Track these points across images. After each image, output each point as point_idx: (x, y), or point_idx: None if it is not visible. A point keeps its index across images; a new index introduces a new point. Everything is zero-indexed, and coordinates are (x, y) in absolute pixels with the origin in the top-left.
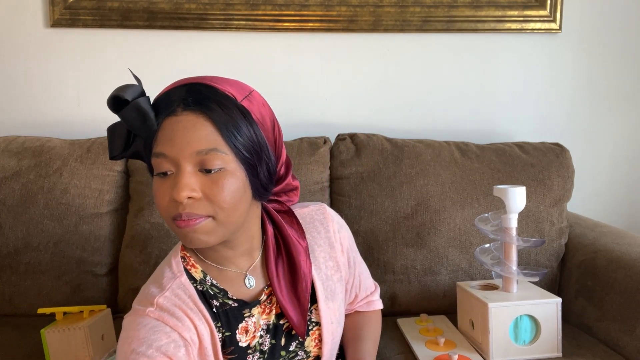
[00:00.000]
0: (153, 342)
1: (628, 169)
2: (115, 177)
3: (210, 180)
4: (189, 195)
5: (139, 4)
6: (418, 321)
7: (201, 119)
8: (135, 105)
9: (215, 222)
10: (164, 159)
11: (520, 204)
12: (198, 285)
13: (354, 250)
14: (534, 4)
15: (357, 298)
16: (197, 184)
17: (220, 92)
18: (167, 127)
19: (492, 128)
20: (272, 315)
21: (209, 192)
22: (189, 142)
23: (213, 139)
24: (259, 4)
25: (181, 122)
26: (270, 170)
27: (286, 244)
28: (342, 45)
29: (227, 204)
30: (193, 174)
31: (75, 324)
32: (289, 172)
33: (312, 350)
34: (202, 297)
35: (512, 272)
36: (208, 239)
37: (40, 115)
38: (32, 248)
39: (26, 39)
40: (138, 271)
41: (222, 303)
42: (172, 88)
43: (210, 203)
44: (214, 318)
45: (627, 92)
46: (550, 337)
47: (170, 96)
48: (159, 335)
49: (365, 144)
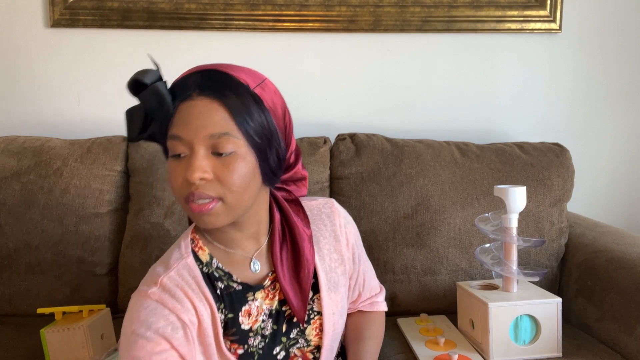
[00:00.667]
0: (152, 324)
1: (628, 169)
2: (115, 177)
3: (221, 163)
4: (201, 176)
5: (139, 4)
6: (418, 321)
7: (215, 104)
8: (153, 88)
9: (225, 204)
10: (178, 142)
11: (520, 204)
12: (204, 267)
13: (360, 247)
14: (534, 4)
15: (360, 297)
16: (209, 166)
17: (235, 79)
18: (183, 111)
19: (492, 128)
20: (275, 301)
21: (220, 174)
22: (203, 126)
23: (226, 124)
24: (259, 4)
25: (196, 106)
26: (280, 156)
27: (291, 231)
28: (342, 45)
29: (237, 186)
30: (206, 156)
31: (74, 324)
32: (298, 160)
33: (313, 339)
34: (206, 279)
35: (512, 272)
36: (217, 220)
37: (40, 115)
38: (32, 248)
39: (26, 39)
40: (138, 271)
41: (227, 286)
42: (189, 74)
43: (221, 185)
44: (217, 300)
45: (627, 92)
46: (550, 337)
47: (187, 81)
48: (157, 318)
49: (365, 144)
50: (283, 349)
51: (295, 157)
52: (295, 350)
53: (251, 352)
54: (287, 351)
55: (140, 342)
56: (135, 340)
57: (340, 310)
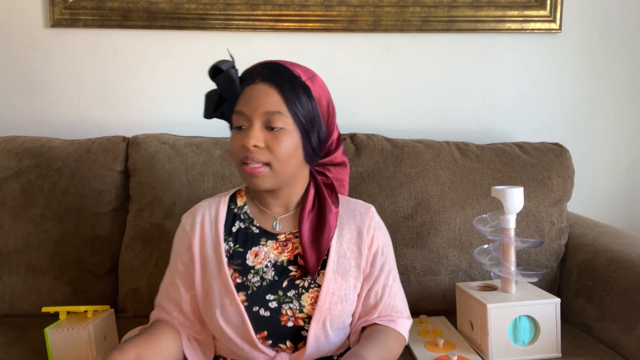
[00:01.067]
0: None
1: (628, 169)
2: (115, 177)
3: (272, 135)
4: (255, 143)
5: (139, 4)
6: (417, 322)
7: (272, 88)
8: (227, 74)
9: (272, 170)
10: (241, 116)
11: (518, 204)
12: (236, 208)
13: (389, 260)
14: (534, 4)
15: (377, 308)
16: (262, 137)
17: (290, 71)
18: (248, 93)
19: (492, 128)
20: (283, 256)
21: (270, 144)
22: (261, 105)
23: (278, 104)
24: (259, 4)
25: (258, 89)
26: (321, 138)
27: (321, 203)
28: (342, 45)
29: (282, 155)
30: (260, 129)
31: (79, 324)
32: (338, 147)
33: (306, 307)
34: (230, 216)
35: (510, 272)
36: (263, 182)
37: (40, 115)
38: (32, 248)
39: (26, 39)
40: (138, 271)
41: (246, 227)
42: (255, 66)
43: (270, 153)
44: (227, 233)
45: (627, 92)
46: (549, 337)
47: (252, 71)
48: (179, 239)
49: (365, 144)
50: (276, 301)
51: (337, 144)
52: (287, 309)
53: (247, 285)
54: (280, 305)
55: (172, 255)
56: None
57: (342, 296)
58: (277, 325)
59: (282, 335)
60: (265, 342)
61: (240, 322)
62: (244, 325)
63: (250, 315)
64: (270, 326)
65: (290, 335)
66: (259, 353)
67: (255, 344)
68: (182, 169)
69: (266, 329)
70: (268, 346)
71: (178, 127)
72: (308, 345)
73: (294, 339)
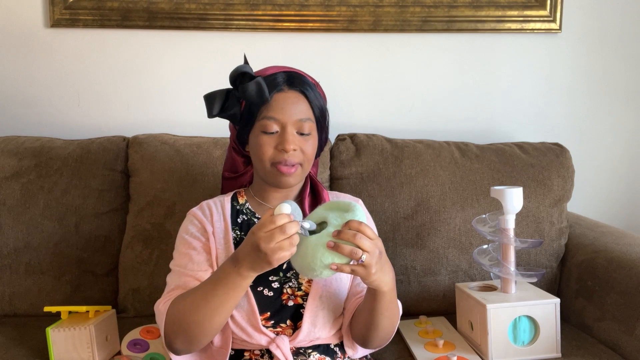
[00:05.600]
0: (189, 230)
1: (628, 169)
2: (115, 177)
3: (303, 139)
4: (294, 147)
5: (139, 4)
6: (417, 323)
7: (301, 96)
8: (257, 81)
9: (302, 169)
10: (274, 122)
11: (517, 205)
12: (238, 205)
13: None
14: (534, 4)
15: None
16: (296, 141)
17: (309, 79)
18: (279, 100)
19: (492, 128)
20: None
21: (302, 147)
22: (295, 112)
23: (307, 111)
24: (259, 4)
25: (289, 97)
26: (326, 136)
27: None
28: (342, 45)
29: (310, 156)
30: (294, 134)
31: (81, 324)
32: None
33: (304, 284)
34: (234, 211)
35: (510, 273)
36: (294, 180)
37: (40, 115)
38: (32, 248)
39: (26, 39)
40: (138, 271)
41: (249, 219)
42: (274, 72)
43: (303, 154)
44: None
45: (628, 92)
46: (549, 337)
47: (276, 78)
48: (192, 226)
49: (365, 144)
50: (278, 282)
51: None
52: (287, 288)
53: None
54: (282, 286)
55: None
56: (180, 241)
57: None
58: (279, 305)
59: (283, 314)
60: (267, 323)
61: (246, 302)
62: (249, 305)
63: (255, 295)
64: (273, 306)
65: (290, 314)
66: (261, 335)
67: (258, 326)
68: (182, 169)
69: (269, 310)
70: (270, 328)
71: (178, 127)
72: (304, 320)
73: (294, 318)
